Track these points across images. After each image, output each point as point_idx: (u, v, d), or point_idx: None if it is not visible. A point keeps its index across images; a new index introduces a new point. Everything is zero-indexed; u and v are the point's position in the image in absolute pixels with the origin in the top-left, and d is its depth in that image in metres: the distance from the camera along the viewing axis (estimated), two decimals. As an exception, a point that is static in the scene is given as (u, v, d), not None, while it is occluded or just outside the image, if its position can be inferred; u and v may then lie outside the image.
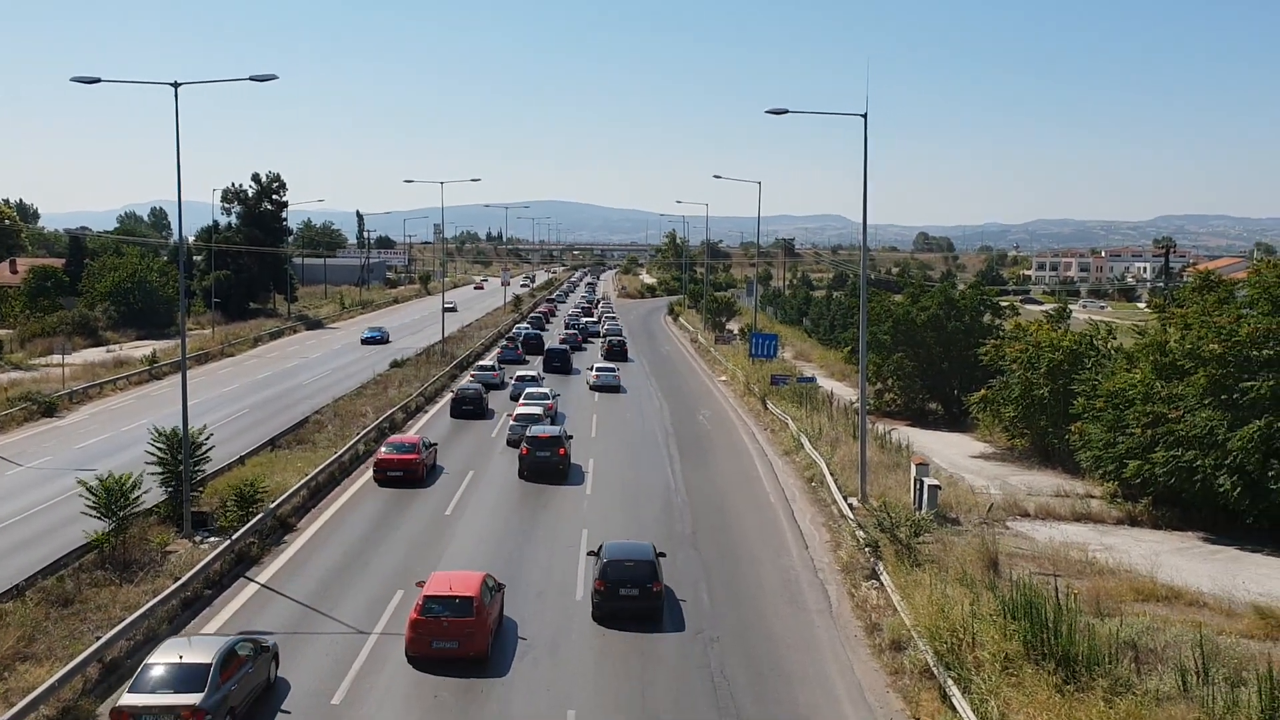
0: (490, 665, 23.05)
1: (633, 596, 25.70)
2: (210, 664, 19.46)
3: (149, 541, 29.60)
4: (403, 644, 23.30)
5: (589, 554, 29.34)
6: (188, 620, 25.54)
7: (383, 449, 40.69)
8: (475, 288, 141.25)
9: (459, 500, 37.27)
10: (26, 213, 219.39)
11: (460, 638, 22.75)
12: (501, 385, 62.94)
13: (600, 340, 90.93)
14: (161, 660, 19.67)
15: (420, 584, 24.69)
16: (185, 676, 19.14)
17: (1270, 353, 34.40)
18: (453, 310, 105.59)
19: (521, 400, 52.45)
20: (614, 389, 63.97)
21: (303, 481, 36.64)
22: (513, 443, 45.43)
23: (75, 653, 21.95)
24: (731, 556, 31.45)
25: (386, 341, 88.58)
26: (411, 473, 39.16)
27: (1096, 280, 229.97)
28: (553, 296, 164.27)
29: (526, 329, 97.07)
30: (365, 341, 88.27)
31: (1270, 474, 32.23)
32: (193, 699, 18.71)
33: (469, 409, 53.32)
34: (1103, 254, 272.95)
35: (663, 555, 27.94)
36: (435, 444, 43.63)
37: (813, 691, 22.23)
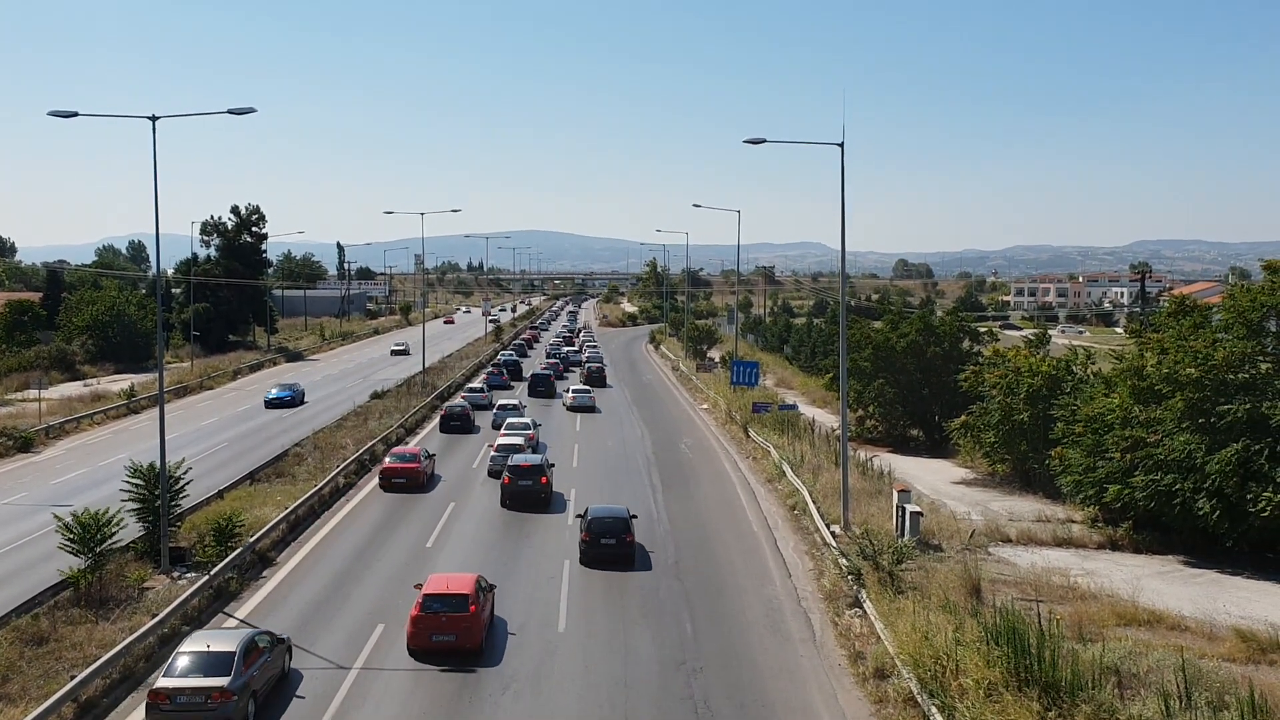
0: (484, 656, 24.87)
1: (611, 545, 32.60)
2: (235, 652, 21.73)
3: (126, 578, 29.30)
4: (382, 681, 23.10)
5: (577, 516, 36.02)
6: (165, 657, 25.14)
7: (388, 459, 45.01)
8: (445, 322, 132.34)
9: (440, 531, 37.06)
10: (3, 246, 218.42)
11: (457, 631, 24.76)
12: (489, 406, 66.15)
13: (581, 369, 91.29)
14: (191, 649, 21.97)
15: (418, 586, 26.51)
16: (213, 663, 21.41)
17: (1246, 376, 34.70)
18: (403, 353, 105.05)
19: (503, 430, 52.47)
20: (589, 409, 68.61)
21: (282, 515, 36.37)
22: (494, 474, 45.28)
23: (50, 692, 21.66)
24: (714, 585, 31.33)
25: (298, 403, 70.92)
26: (414, 479, 43.40)
27: (1074, 305, 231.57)
28: (535, 325, 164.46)
29: (510, 355, 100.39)
30: (270, 404, 69.63)
31: (1249, 497, 32.38)
32: (220, 682, 20.98)
33: (456, 424, 59.32)
34: (1080, 279, 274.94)
35: (634, 517, 34.71)
36: (434, 454, 47.81)
37: (797, 721, 22.09)
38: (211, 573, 29.47)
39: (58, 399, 66.03)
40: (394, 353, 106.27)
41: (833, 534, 34.66)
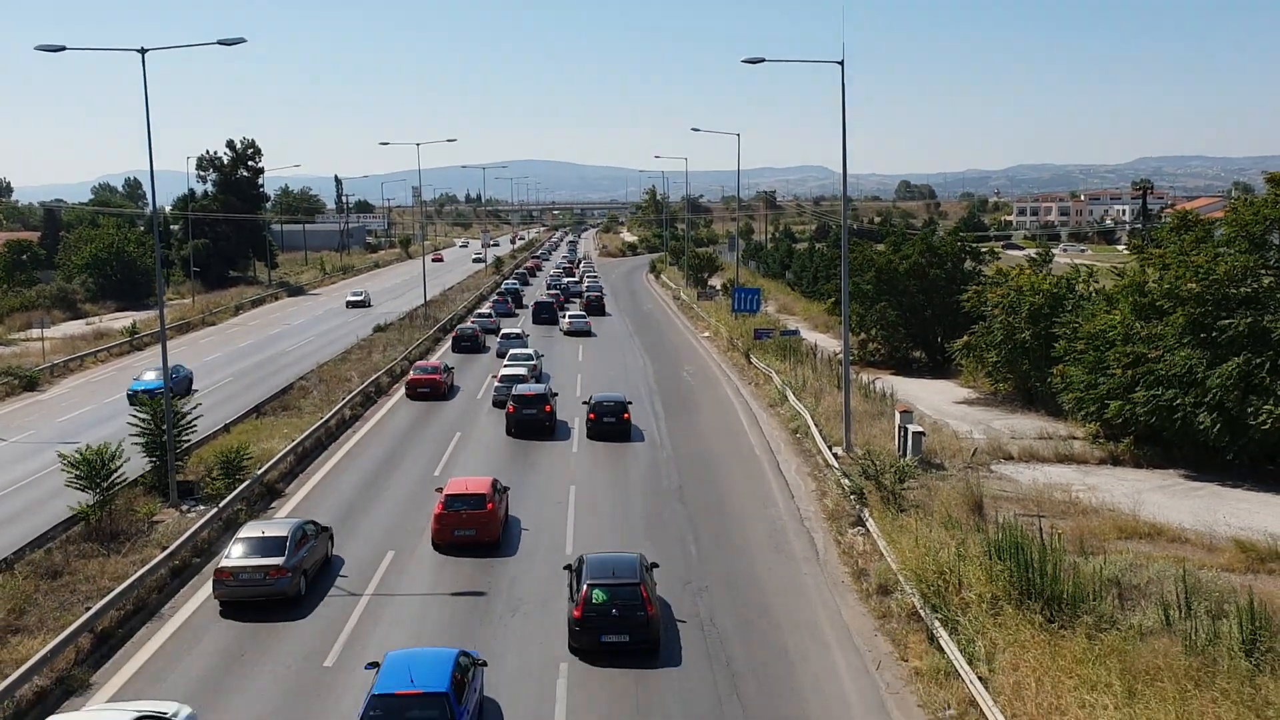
0: (500, 549, 27.60)
1: (611, 423, 40.08)
2: (286, 536, 24.63)
3: (135, 512, 29.61)
4: (393, 607, 23.49)
5: (584, 401, 42.79)
6: (178, 588, 25.57)
7: (412, 372, 50.58)
8: (433, 259, 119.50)
9: (447, 461, 37.33)
10: (0, 187, 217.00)
11: (477, 526, 27.32)
12: (496, 331, 69.29)
13: (580, 299, 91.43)
14: (248, 535, 24.85)
15: (439, 490, 28.90)
16: (268, 546, 24.32)
17: (1247, 290, 34.64)
18: (362, 304, 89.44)
19: (506, 359, 52.81)
20: (586, 333, 72.22)
21: (289, 447, 36.61)
22: (499, 403, 45.49)
23: (66, 624, 22.02)
24: (718, 509, 31.64)
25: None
26: (437, 388, 48.87)
27: (1077, 224, 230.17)
28: (535, 255, 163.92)
29: (514, 284, 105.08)
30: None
31: (1249, 410, 32.52)
32: (276, 561, 23.93)
33: (467, 344, 64.66)
34: (1082, 197, 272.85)
35: (630, 403, 41.57)
36: (452, 367, 53.23)
37: (801, 636, 22.46)
38: (220, 505, 29.77)
39: (61, 338, 66.12)
40: (350, 304, 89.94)
41: (835, 456, 34.89)
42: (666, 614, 23.35)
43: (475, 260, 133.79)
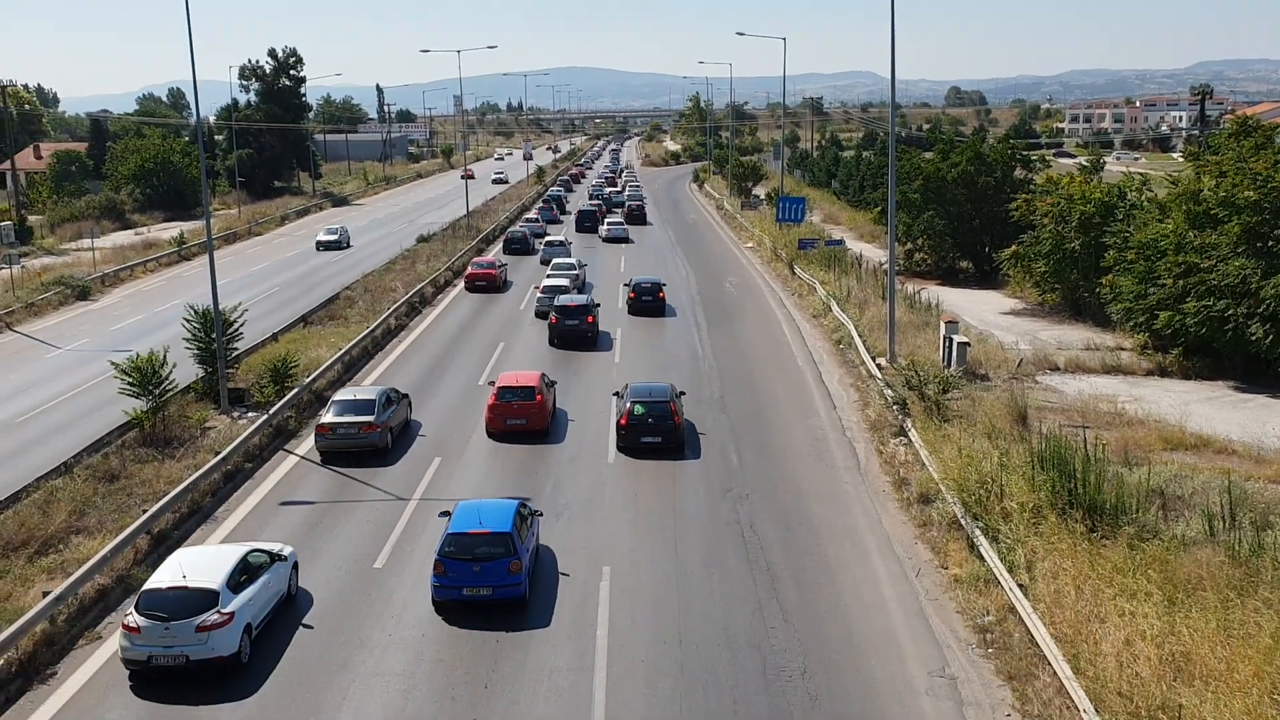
0: (549, 436, 29.81)
1: (647, 302, 46.61)
2: (375, 399, 28.86)
3: (188, 418, 30.26)
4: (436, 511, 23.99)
5: (624, 284, 50.43)
6: (230, 492, 26.21)
7: (470, 267, 55.48)
8: (463, 176, 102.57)
9: (491, 370, 37.63)
10: (46, 98, 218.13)
11: (527, 415, 29.45)
12: (543, 235, 71.78)
13: (622, 209, 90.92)
14: (342, 398, 29.34)
15: (491, 383, 31.40)
16: (361, 406, 28.57)
17: (1308, 198, 33.73)
18: (338, 246, 70.80)
19: (550, 268, 53.42)
20: (624, 239, 73.88)
21: (336, 356, 37.09)
22: (541, 314, 45.65)
23: (124, 525, 22.68)
24: (759, 418, 31.75)
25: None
26: (492, 282, 53.89)
27: (1131, 131, 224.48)
28: (579, 163, 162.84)
29: (558, 191, 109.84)
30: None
31: (1304, 321, 31.91)
32: (369, 418, 28.14)
33: (517, 247, 68.22)
34: (1137, 104, 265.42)
35: (664, 284, 48.57)
36: (505, 264, 58.54)
37: (841, 544, 22.67)
38: (270, 412, 30.32)
39: (110, 248, 66.93)
40: (321, 245, 71.73)
41: (878, 366, 34.77)
42: (708, 524, 23.81)
43: (495, 181, 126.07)
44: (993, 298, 52.35)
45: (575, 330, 41.05)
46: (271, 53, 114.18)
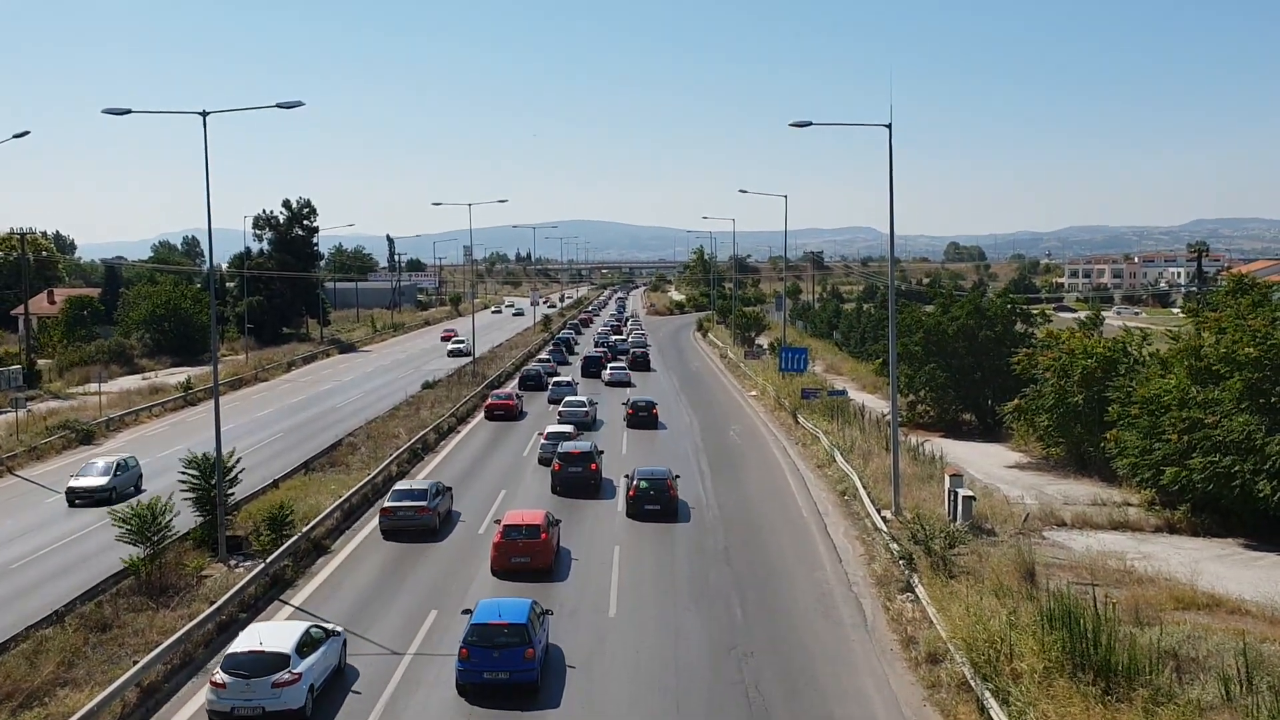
0: (553, 574, 30.43)
1: (644, 416, 56.31)
2: (427, 489, 35.94)
3: (184, 566, 29.89)
4: (435, 665, 23.44)
5: (623, 403, 59.94)
6: (224, 643, 25.60)
7: (490, 398, 62.50)
8: (443, 338, 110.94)
9: (491, 518, 37.26)
10: (64, 244, 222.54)
11: (531, 554, 30.15)
12: (555, 374, 77.77)
13: (626, 355, 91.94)
14: (401, 488, 36.41)
15: (497, 521, 32.35)
16: (417, 494, 35.58)
17: (1308, 355, 33.91)
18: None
19: (561, 405, 58.42)
20: (625, 383, 76.38)
21: (336, 504, 36.83)
22: (544, 461, 45.54)
23: (114, 677, 22.15)
24: (764, 571, 31.30)
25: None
26: (510, 411, 60.29)
27: (1130, 286, 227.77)
28: (586, 310, 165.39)
29: (568, 334, 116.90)
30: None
31: (1311, 478, 31.68)
32: (422, 503, 34.98)
33: (532, 383, 73.56)
34: (1136, 260, 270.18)
35: (657, 403, 57.62)
36: (522, 395, 66.08)
37: (848, 706, 22.04)
38: (267, 561, 29.95)
39: (117, 392, 67.27)
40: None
41: (884, 519, 34.45)
42: (711, 682, 23.19)
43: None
44: (997, 451, 52.20)
45: (578, 477, 40.88)
46: (286, 203, 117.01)
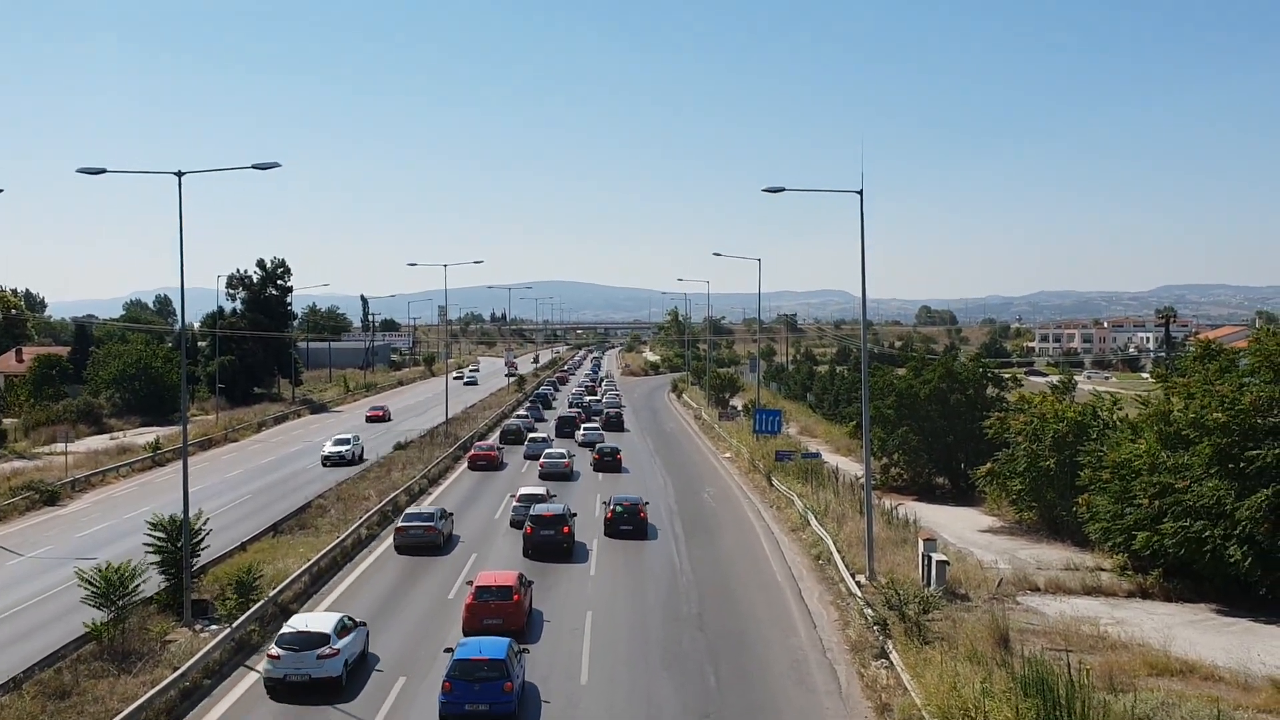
0: (525, 636, 30.24)
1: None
2: (435, 512, 42.56)
3: (148, 630, 29.32)
4: None
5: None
6: (186, 711, 25.11)
7: (473, 450, 66.90)
8: (368, 418, 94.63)
9: (461, 583, 36.83)
10: (34, 302, 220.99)
11: (504, 615, 30.22)
12: (533, 429, 79.65)
13: (600, 416, 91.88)
14: (412, 511, 43.72)
15: (470, 582, 32.28)
16: (425, 516, 42.07)
17: (1275, 420, 34.24)
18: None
19: (541, 459, 62.31)
20: (599, 442, 73.27)
21: (304, 567, 36.31)
22: (516, 524, 45.18)
23: (71, 747, 21.58)
24: (738, 637, 31.02)
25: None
26: (492, 462, 64.86)
27: (1100, 351, 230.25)
28: (562, 370, 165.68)
29: (545, 391, 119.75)
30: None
31: (1280, 544, 31.84)
32: (432, 523, 41.47)
33: (512, 437, 76.65)
34: (1105, 324, 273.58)
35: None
36: (503, 447, 70.26)
37: (823, 775, 21.73)
38: (233, 625, 29.43)
39: (84, 452, 66.42)
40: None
41: (858, 584, 34.31)
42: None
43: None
44: (970, 515, 52.24)
45: (551, 540, 40.51)
46: (260, 262, 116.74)
